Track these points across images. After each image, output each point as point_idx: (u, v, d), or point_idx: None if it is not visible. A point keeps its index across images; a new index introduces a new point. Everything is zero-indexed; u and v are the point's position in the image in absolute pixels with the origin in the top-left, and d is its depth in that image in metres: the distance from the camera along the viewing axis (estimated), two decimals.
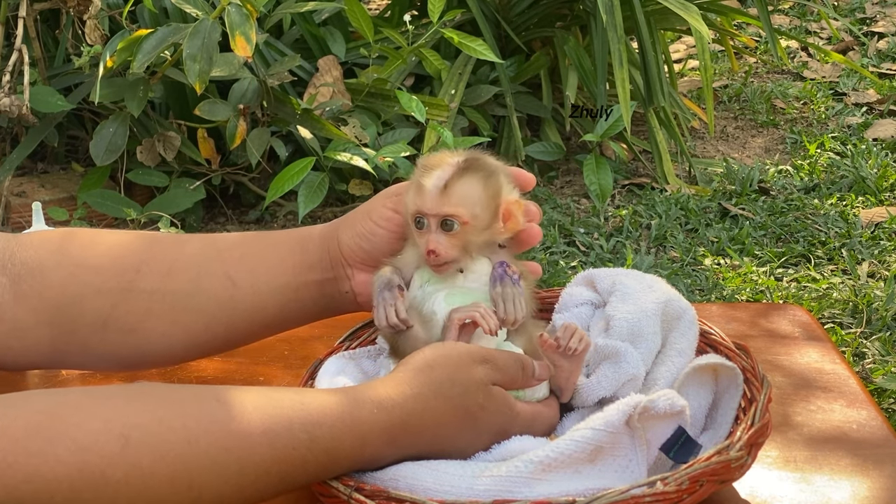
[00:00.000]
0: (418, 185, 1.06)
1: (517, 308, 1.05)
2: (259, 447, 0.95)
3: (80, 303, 1.12)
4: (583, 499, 0.93)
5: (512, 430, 1.04)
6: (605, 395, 1.08)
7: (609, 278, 1.17)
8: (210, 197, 3.53)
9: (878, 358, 2.78)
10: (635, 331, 1.10)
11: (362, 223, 1.14)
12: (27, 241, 1.15)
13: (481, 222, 1.06)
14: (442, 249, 1.05)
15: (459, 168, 1.06)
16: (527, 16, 3.91)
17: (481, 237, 1.07)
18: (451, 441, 1.01)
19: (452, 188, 1.05)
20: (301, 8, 3.47)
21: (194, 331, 1.14)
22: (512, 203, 1.08)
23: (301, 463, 0.96)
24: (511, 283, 1.06)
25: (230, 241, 1.18)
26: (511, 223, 1.08)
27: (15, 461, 0.87)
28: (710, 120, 3.98)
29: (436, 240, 1.05)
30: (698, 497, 0.96)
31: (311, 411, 0.97)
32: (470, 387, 1.01)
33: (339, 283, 1.16)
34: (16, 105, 3.18)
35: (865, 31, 5.16)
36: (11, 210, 3.46)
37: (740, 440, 0.99)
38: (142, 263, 1.14)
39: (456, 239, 1.06)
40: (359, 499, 0.96)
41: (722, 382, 1.09)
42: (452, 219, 1.05)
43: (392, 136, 3.35)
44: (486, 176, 1.06)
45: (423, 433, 1.00)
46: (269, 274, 1.15)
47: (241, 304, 1.14)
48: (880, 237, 3.35)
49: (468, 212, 1.05)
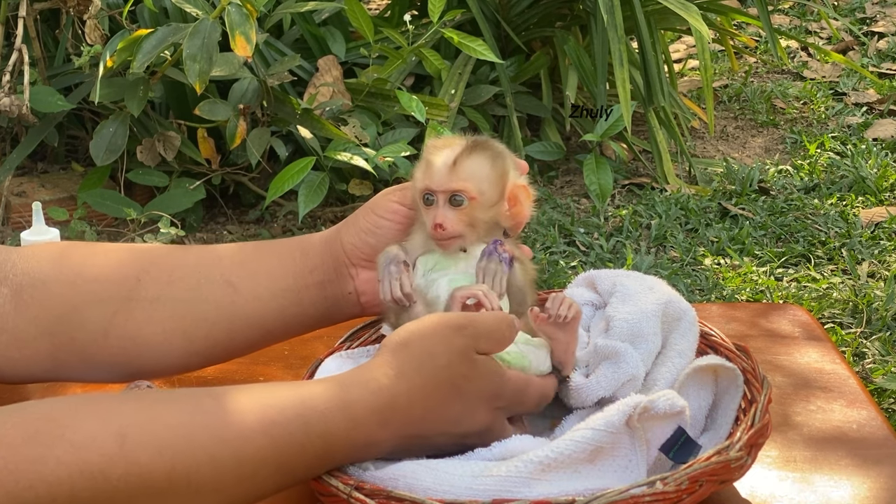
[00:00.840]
0: (427, 162, 1.09)
1: (497, 284, 1.07)
2: (255, 436, 0.95)
3: (80, 312, 1.13)
4: (582, 498, 0.93)
5: (503, 394, 1.03)
6: (605, 396, 1.08)
7: (610, 279, 1.18)
8: (210, 197, 3.53)
9: (878, 358, 2.78)
10: (635, 331, 1.10)
11: (366, 218, 1.15)
12: (29, 253, 1.16)
13: (488, 199, 1.08)
14: (449, 223, 1.07)
15: (468, 146, 1.08)
16: (527, 16, 3.91)
17: (487, 214, 1.08)
18: (442, 414, 1.01)
19: (461, 164, 1.07)
20: (301, 8, 3.47)
21: (195, 338, 1.14)
22: (519, 187, 1.10)
23: (299, 450, 0.96)
24: (497, 261, 1.08)
25: (230, 247, 1.19)
26: (517, 209, 1.10)
27: (16, 468, 0.88)
28: (710, 120, 3.98)
29: (443, 214, 1.07)
30: (698, 497, 0.96)
31: (304, 398, 0.98)
32: (452, 358, 1.00)
33: (341, 285, 1.16)
34: (16, 105, 3.18)
35: (865, 31, 5.16)
36: (11, 210, 3.46)
37: (740, 440, 0.99)
38: (142, 272, 1.15)
39: (463, 214, 1.07)
40: (358, 497, 0.96)
41: (722, 383, 1.09)
42: (460, 194, 1.07)
43: (392, 135, 3.35)
44: (494, 156, 1.09)
45: (412, 411, 1.00)
46: (269, 278, 1.15)
47: (241, 309, 1.14)
48: (880, 237, 3.35)
49: (476, 187, 1.07)
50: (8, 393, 1.23)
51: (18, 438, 0.89)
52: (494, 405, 1.03)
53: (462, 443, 1.03)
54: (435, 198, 1.08)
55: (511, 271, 1.09)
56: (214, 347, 1.16)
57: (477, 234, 1.09)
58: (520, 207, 1.10)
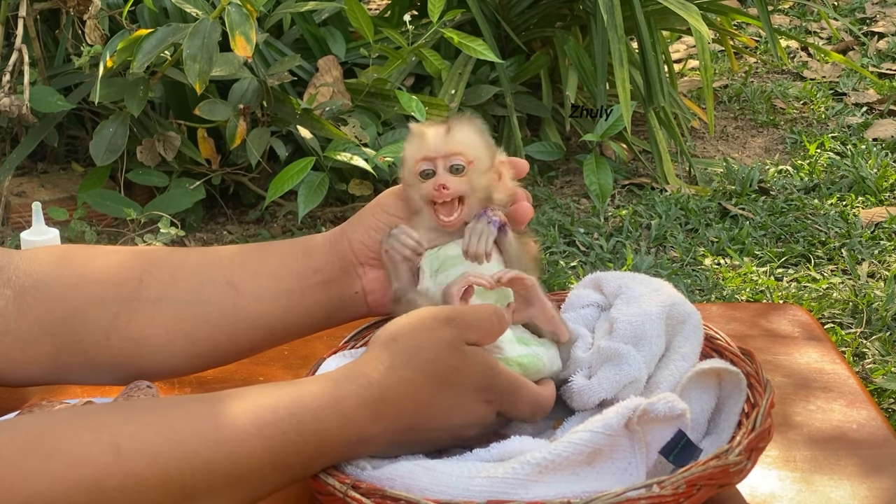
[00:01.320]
0: (420, 135, 1.11)
1: (483, 242, 1.08)
2: (248, 437, 0.95)
3: (82, 313, 1.13)
4: (578, 500, 0.92)
5: (494, 388, 1.02)
6: (606, 397, 1.07)
7: (616, 281, 1.17)
8: (210, 197, 3.53)
9: (878, 358, 2.78)
10: (638, 333, 1.10)
11: (376, 216, 1.15)
12: (31, 255, 1.16)
13: (483, 165, 1.10)
14: (451, 183, 1.08)
15: (455, 119, 1.12)
16: (527, 16, 3.91)
17: (482, 181, 1.10)
18: (433, 407, 1.01)
19: (455, 131, 1.10)
20: (301, 8, 3.47)
21: (197, 340, 1.14)
22: (501, 163, 1.13)
23: (293, 449, 0.96)
24: (486, 222, 1.09)
25: (232, 249, 1.19)
26: (502, 182, 1.12)
27: (13, 484, 0.88)
28: (710, 120, 3.98)
29: (444, 177, 1.09)
30: (695, 501, 0.95)
31: (295, 397, 0.98)
32: (440, 350, 1.00)
33: (348, 285, 1.15)
34: (16, 105, 3.18)
35: (865, 31, 5.16)
36: (11, 210, 3.46)
37: (740, 445, 0.98)
38: (144, 273, 1.15)
39: (463, 178, 1.09)
40: (354, 496, 0.96)
41: (725, 387, 1.08)
42: (459, 158, 1.09)
43: (392, 136, 3.35)
44: (480, 128, 1.13)
45: (403, 405, 1.00)
46: (271, 279, 1.15)
47: (243, 311, 1.14)
48: (880, 237, 3.35)
49: (473, 153, 1.10)
50: (7, 394, 1.23)
51: (12, 453, 0.89)
52: (485, 398, 1.03)
53: (457, 437, 1.03)
54: (433, 166, 1.10)
55: (505, 240, 1.10)
56: (217, 349, 1.16)
57: (477, 202, 1.10)
58: (504, 181, 1.12)
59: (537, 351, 1.07)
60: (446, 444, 1.03)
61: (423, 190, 1.10)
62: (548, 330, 1.10)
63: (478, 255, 1.08)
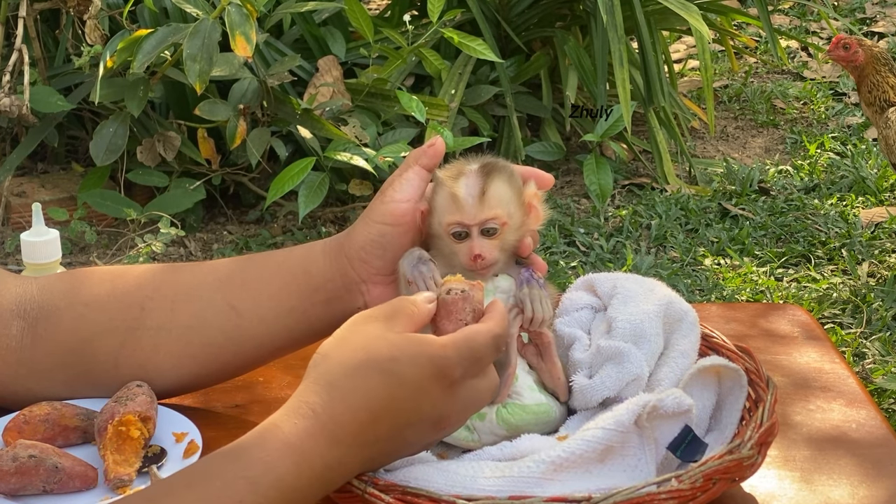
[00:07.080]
0: (452, 197, 1.09)
1: (544, 308, 1.09)
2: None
3: (90, 344, 1.15)
4: (599, 495, 0.93)
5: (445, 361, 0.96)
6: (609, 396, 1.08)
7: (609, 282, 1.17)
8: (210, 197, 3.53)
9: (878, 358, 2.78)
10: (638, 332, 1.10)
11: (367, 229, 1.12)
12: (42, 283, 1.17)
13: (516, 221, 1.10)
14: (487, 252, 1.08)
15: (484, 173, 1.10)
16: (527, 16, 3.91)
17: (516, 236, 1.11)
18: (392, 406, 0.95)
19: (489, 194, 1.09)
20: (301, 8, 3.47)
21: (204, 362, 1.15)
22: (532, 195, 1.12)
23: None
24: (538, 286, 1.10)
25: (231, 267, 1.17)
26: (534, 214, 1.12)
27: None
28: (710, 120, 3.98)
29: (479, 244, 1.09)
30: (711, 495, 0.97)
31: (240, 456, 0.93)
32: (368, 342, 0.96)
33: (351, 301, 1.13)
34: (16, 105, 3.18)
35: (865, 31, 5.16)
36: (11, 210, 3.46)
37: (751, 439, 1.00)
38: (146, 299, 1.15)
39: (497, 240, 1.09)
40: (373, 493, 0.96)
41: (725, 384, 1.09)
42: (493, 222, 1.09)
43: (392, 136, 3.35)
44: (509, 175, 1.11)
45: (359, 416, 0.94)
46: (272, 300, 1.14)
47: (247, 332, 1.14)
48: (880, 237, 3.35)
49: (505, 212, 1.09)
50: None
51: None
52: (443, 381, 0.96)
53: (440, 429, 0.99)
54: (467, 230, 1.09)
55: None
56: (225, 367, 1.17)
57: (506, 256, 1.11)
58: (536, 212, 1.12)
59: (545, 398, 1.09)
60: (436, 434, 1.00)
61: (458, 252, 1.10)
62: (550, 387, 1.10)
63: (544, 320, 1.09)
